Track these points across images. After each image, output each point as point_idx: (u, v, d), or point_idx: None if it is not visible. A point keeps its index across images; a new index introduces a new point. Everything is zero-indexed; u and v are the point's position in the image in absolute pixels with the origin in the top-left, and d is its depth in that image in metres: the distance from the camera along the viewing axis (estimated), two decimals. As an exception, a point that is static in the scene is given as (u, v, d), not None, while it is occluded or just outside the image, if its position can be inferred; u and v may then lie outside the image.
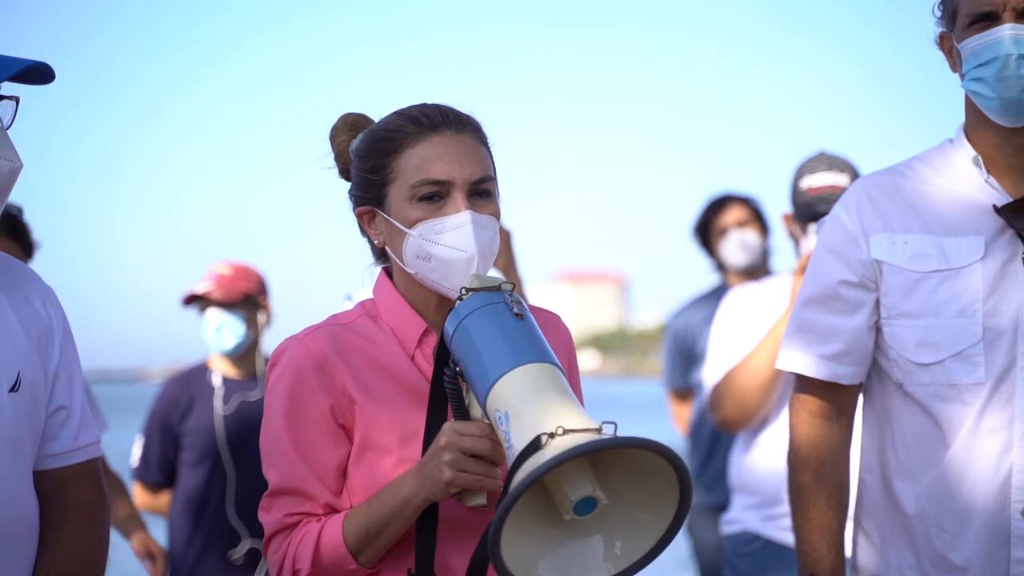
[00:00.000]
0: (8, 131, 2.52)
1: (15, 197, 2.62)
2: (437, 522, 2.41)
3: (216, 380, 5.36)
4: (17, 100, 2.53)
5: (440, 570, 2.43)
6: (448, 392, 2.36)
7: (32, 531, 2.56)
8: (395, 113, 2.53)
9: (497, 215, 2.50)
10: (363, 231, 2.59)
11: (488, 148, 2.54)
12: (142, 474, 5.39)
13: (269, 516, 2.48)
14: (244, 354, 5.38)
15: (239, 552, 5.27)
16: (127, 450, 5.44)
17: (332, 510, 2.46)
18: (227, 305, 5.33)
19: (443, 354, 2.38)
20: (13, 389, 2.51)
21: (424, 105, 2.52)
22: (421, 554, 2.41)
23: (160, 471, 5.37)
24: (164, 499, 5.44)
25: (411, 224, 2.46)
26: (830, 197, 4.06)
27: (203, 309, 5.34)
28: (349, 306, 4.68)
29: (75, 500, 2.61)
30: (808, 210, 4.22)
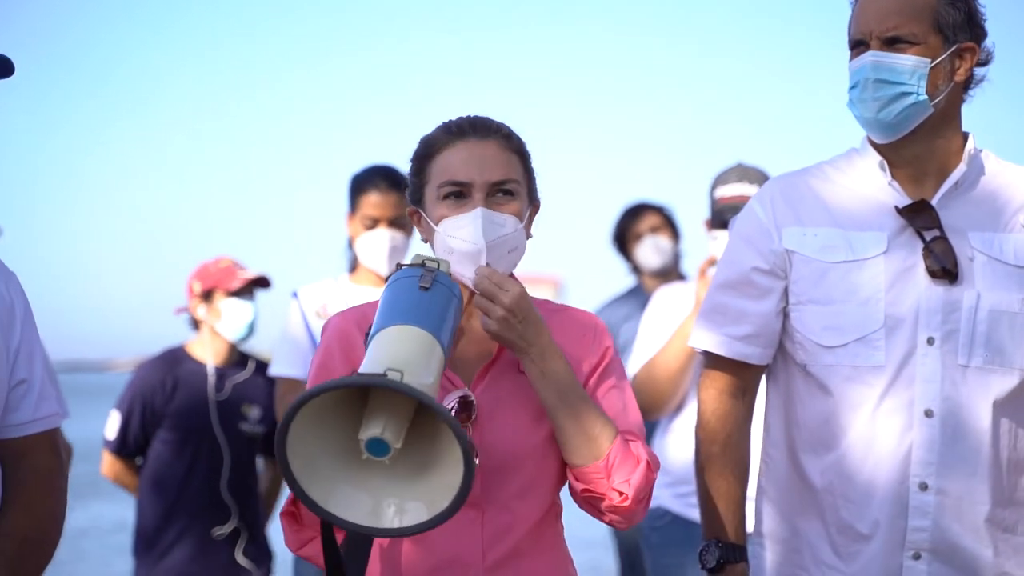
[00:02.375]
0: None
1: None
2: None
3: (210, 368, 5.33)
4: None
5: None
6: (365, 349, 2.40)
7: None
8: (439, 124, 2.62)
9: (519, 214, 2.55)
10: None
11: (518, 153, 2.59)
12: (119, 447, 5.32)
13: None
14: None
15: (226, 529, 5.25)
16: (97, 434, 5.41)
17: None
18: (251, 293, 5.36)
19: None
20: None
21: (462, 116, 2.60)
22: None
23: (136, 446, 5.31)
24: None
25: (437, 222, 2.55)
26: (738, 206, 4.07)
27: (241, 295, 5.32)
28: (295, 303, 4.74)
29: (34, 467, 2.59)
30: (718, 217, 4.26)
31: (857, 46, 2.89)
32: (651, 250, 6.06)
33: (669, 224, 6.12)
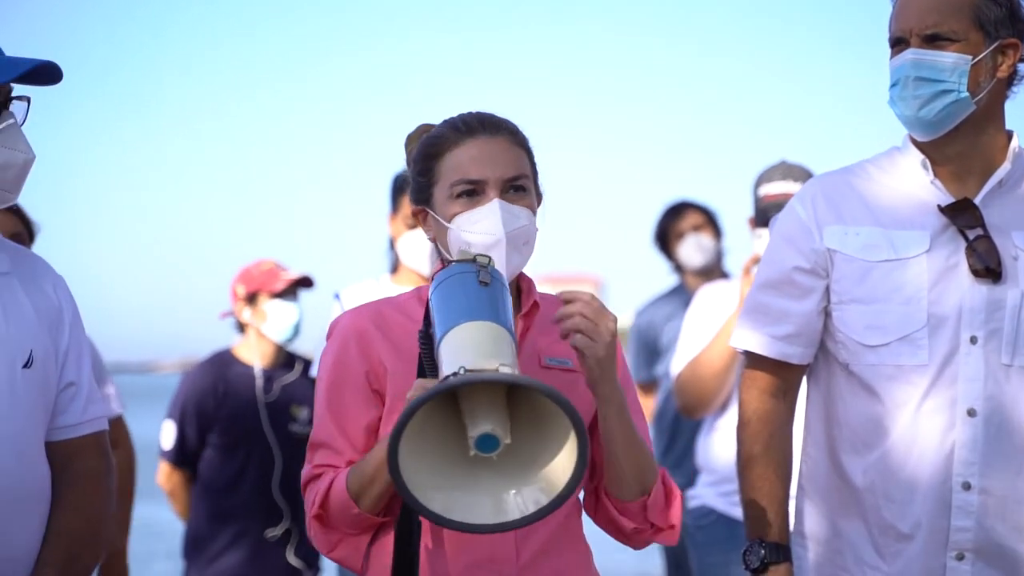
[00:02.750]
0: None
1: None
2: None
3: (257, 370, 5.35)
4: (28, 100, 2.57)
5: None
6: (421, 349, 2.41)
7: (44, 495, 2.58)
8: (442, 122, 2.61)
9: (533, 208, 2.56)
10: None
11: (525, 148, 2.59)
12: (178, 458, 5.32)
13: (306, 467, 2.54)
14: None
15: (278, 531, 5.27)
16: (141, 435, 5.42)
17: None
18: (295, 294, 5.38)
19: (427, 318, 2.43)
20: (26, 366, 2.54)
21: (466, 113, 2.60)
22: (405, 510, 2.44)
23: (194, 454, 5.32)
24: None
25: (450, 219, 2.53)
26: (782, 204, 4.01)
27: (285, 297, 5.33)
28: (337, 305, 4.75)
29: (83, 468, 2.63)
30: (762, 215, 4.26)
31: (897, 44, 2.87)
32: (693, 248, 6.04)
33: (711, 222, 6.11)
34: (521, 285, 2.63)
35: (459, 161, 2.54)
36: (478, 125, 2.56)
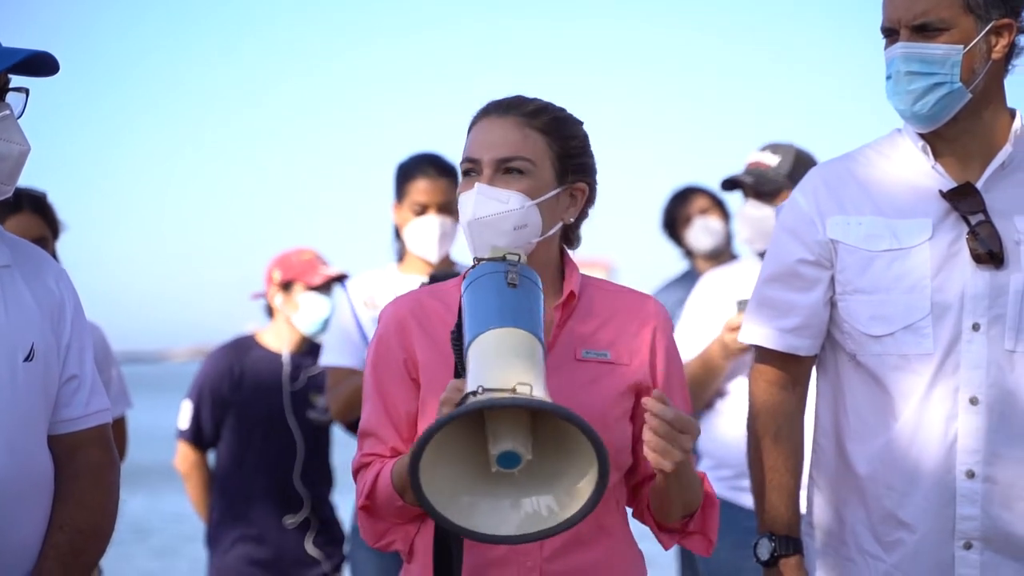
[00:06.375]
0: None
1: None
2: None
3: (285, 357, 5.36)
4: (27, 92, 2.57)
5: None
6: (453, 350, 2.41)
7: (47, 488, 2.59)
8: None
9: (530, 191, 2.52)
10: None
11: (544, 132, 2.55)
12: (194, 436, 5.34)
13: (356, 455, 2.57)
14: None
15: (297, 518, 5.28)
16: (154, 424, 5.40)
17: (397, 454, 2.52)
18: (329, 288, 5.36)
19: (459, 317, 2.42)
20: (28, 359, 2.54)
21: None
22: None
23: (211, 435, 5.33)
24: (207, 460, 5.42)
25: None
26: (752, 171, 4.37)
27: (319, 290, 5.31)
28: (343, 294, 4.72)
29: (87, 461, 2.64)
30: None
31: (889, 35, 2.83)
32: (702, 232, 6.05)
33: (718, 205, 6.12)
34: (564, 270, 2.62)
35: (469, 140, 2.58)
36: (494, 105, 2.59)
